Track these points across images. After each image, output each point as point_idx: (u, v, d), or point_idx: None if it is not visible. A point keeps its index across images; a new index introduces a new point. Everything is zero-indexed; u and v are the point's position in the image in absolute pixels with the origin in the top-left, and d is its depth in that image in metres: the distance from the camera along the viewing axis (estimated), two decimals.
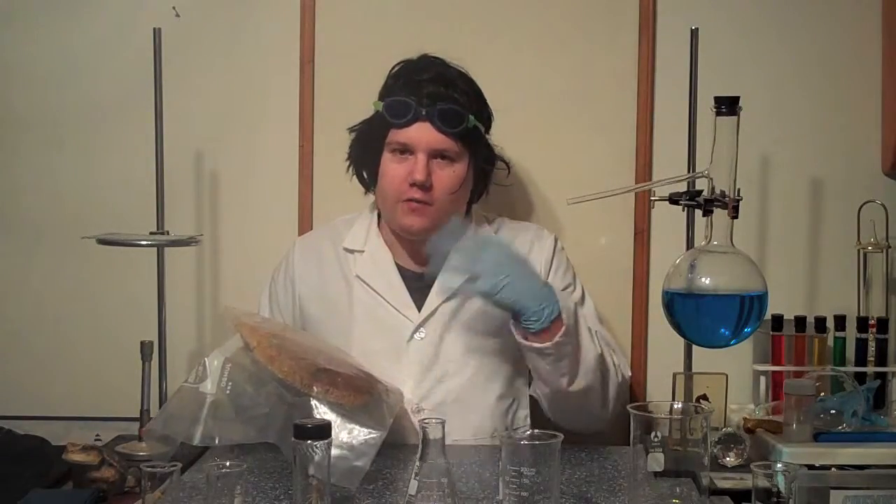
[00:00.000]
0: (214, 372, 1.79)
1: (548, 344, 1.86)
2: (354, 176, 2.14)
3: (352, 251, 2.13)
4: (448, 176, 2.01)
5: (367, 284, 2.09)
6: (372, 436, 1.73)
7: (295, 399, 1.75)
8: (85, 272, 2.48)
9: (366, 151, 2.09)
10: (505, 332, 1.96)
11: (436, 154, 2.00)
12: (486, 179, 2.13)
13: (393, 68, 2.07)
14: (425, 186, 1.99)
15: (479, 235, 2.05)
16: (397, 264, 2.10)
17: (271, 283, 2.18)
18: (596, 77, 2.43)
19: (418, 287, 2.08)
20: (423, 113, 1.97)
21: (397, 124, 2.00)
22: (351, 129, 2.11)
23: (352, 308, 2.09)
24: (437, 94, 1.98)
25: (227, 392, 1.77)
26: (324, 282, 2.13)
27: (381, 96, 2.05)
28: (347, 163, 2.13)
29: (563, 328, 1.86)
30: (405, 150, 2.00)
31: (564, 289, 2.12)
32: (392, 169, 2.02)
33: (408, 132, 1.99)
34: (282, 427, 1.71)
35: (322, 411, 1.73)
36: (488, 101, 2.09)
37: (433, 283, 2.02)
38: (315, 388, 1.75)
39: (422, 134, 1.98)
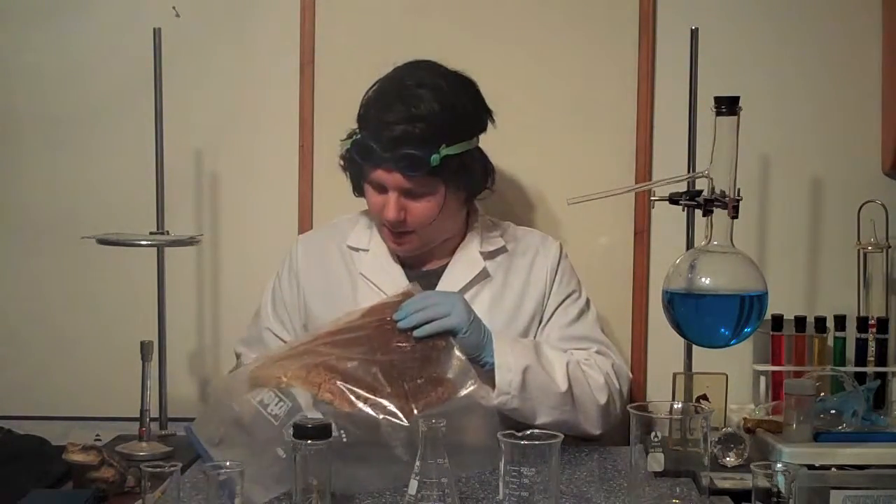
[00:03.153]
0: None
1: (492, 404, 1.88)
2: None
3: (356, 249, 2.14)
4: (423, 208, 2.00)
5: (372, 282, 2.08)
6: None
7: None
8: (85, 272, 2.48)
9: (352, 170, 2.09)
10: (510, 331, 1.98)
11: (406, 192, 1.98)
12: (479, 185, 2.10)
13: (368, 91, 2.03)
14: (398, 223, 2.00)
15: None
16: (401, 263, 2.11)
17: (275, 283, 2.17)
18: (596, 77, 2.43)
19: (423, 286, 2.07)
20: (387, 157, 1.95)
21: (365, 166, 2.00)
22: (343, 141, 2.09)
23: (356, 306, 2.08)
24: (399, 137, 1.93)
25: (344, 440, 1.70)
26: (328, 279, 2.13)
27: (357, 121, 2.03)
28: (342, 168, 2.13)
29: (496, 389, 1.88)
30: (379, 187, 2.00)
31: (568, 296, 2.12)
32: (372, 196, 2.03)
33: (377, 174, 1.99)
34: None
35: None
36: (487, 102, 2.07)
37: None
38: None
39: (388, 177, 1.97)
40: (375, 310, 1.90)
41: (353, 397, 1.72)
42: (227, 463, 1.53)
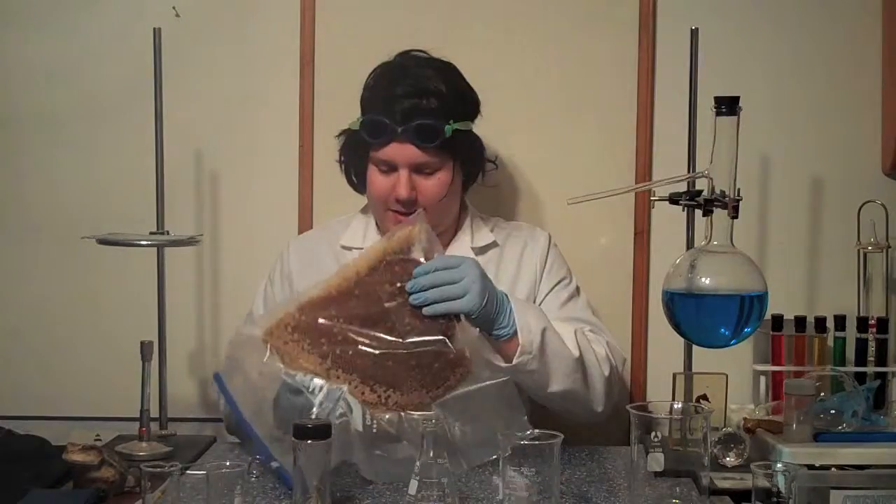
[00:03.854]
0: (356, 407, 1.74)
1: (508, 366, 1.86)
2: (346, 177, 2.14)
3: (349, 248, 2.13)
4: (433, 185, 2.01)
5: None
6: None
7: None
8: (85, 272, 2.48)
9: (353, 160, 2.09)
10: None
11: (417, 168, 1.99)
12: (476, 170, 2.11)
13: (369, 77, 2.05)
14: (410, 201, 2.00)
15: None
16: None
17: (266, 286, 2.18)
18: (596, 77, 2.43)
19: None
20: (400, 131, 1.96)
21: (375, 144, 2.00)
22: (338, 136, 2.10)
23: None
24: (411, 109, 1.95)
25: (374, 430, 1.74)
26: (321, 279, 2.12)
27: (361, 106, 2.04)
28: (339, 164, 2.13)
29: (519, 348, 1.87)
30: (388, 165, 2.00)
31: (559, 282, 2.12)
32: (377, 180, 2.02)
33: (387, 151, 1.98)
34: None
35: None
36: (486, 102, 2.08)
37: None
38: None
39: (401, 151, 1.97)
40: (385, 264, 1.85)
41: (374, 397, 1.74)
42: (228, 463, 1.53)
